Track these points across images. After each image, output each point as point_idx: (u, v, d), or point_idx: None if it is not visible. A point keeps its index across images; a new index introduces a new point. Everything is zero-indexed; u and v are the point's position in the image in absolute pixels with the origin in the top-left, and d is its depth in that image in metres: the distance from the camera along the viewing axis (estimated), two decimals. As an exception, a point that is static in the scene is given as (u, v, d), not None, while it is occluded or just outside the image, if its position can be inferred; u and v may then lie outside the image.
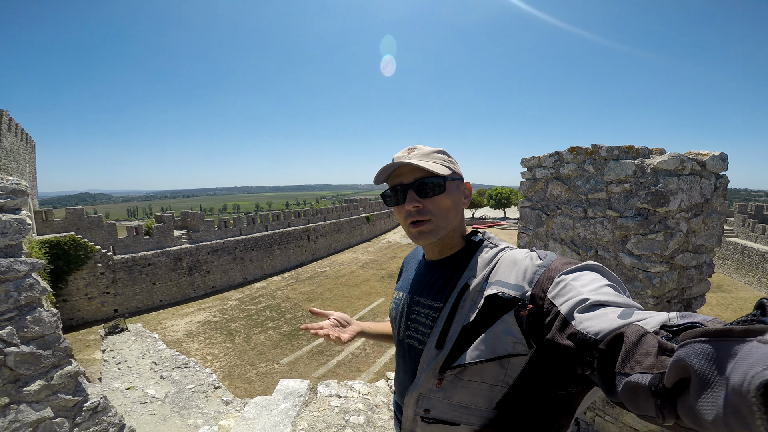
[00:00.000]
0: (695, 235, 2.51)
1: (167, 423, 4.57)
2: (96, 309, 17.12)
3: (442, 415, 0.78)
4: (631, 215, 2.50)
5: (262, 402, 3.19)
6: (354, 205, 37.63)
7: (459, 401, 0.75)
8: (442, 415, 0.78)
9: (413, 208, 0.83)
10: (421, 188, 0.83)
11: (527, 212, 3.35)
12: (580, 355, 0.54)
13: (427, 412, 0.80)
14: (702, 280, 2.66)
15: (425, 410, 0.80)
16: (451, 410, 0.77)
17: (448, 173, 0.83)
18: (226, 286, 22.52)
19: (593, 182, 2.72)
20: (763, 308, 0.37)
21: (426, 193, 0.83)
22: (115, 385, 5.84)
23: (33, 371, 2.00)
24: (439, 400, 0.78)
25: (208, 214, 27.06)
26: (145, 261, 18.97)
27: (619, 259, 2.62)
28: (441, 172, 0.81)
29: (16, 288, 2.02)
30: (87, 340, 14.36)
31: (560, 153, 2.98)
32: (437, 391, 0.78)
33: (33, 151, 19.39)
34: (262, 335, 15.32)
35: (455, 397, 0.76)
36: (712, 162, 2.43)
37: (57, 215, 17.50)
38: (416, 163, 0.82)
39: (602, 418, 3.01)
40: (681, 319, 0.45)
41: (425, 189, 0.83)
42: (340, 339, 1.00)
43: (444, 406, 0.77)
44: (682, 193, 2.35)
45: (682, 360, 0.36)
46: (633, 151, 2.60)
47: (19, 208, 2.17)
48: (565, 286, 0.64)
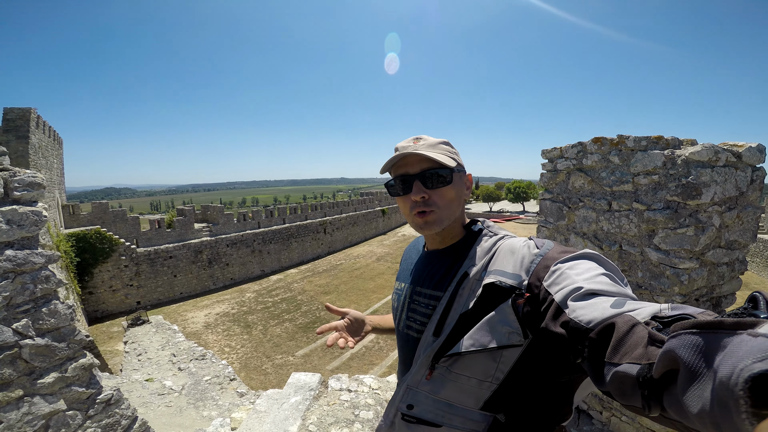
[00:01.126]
0: (728, 230, 2.35)
1: (183, 415, 4.66)
2: (120, 301, 17.72)
3: (424, 414, 0.77)
4: (659, 208, 2.35)
5: (274, 395, 3.20)
6: (370, 198, 37.66)
7: (445, 398, 0.75)
8: (425, 414, 0.77)
9: (419, 199, 0.82)
10: (427, 179, 0.82)
11: (547, 205, 3.22)
12: (572, 343, 0.54)
13: (410, 408, 0.79)
14: (733, 277, 2.50)
15: (408, 406, 0.80)
16: (435, 408, 0.76)
17: (454, 165, 0.83)
18: (244, 278, 22.96)
19: (619, 174, 2.57)
20: (755, 301, 0.37)
21: (432, 183, 0.82)
22: (135, 377, 6.01)
23: (48, 363, 2.02)
24: (425, 395, 0.77)
25: (227, 208, 27.56)
26: (166, 254, 19.49)
27: (645, 255, 2.48)
28: (448, 164, 0.81)
29: (32, 280, 2.04)
30: (111, 332, 14.90)
31: (583, 144, 2.84)
32: (425, 384, 0.77)
33: (60, 147, 20.08)
34: (278, 327, 15.57)
35: (442, 392, 0.75)
36: (749, 153, 2.26)
37: (83, 209, 18.12)
38: (425, 153, 0.81)
39: (618, 419, 2.89)
40: (672, 311, 0.45)
41: (432, 180, 0.82)
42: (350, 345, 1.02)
43: (429, 402, 0.77)
44: (716, 186, 2.19)
45: (671, 351, 0.36)
46: (662, 141, 2.44)
47: (36, 201, 2.19)
48: (561, 274, 0.63)
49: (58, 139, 18.93)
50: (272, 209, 26.31)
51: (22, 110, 13.13)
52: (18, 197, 2.10)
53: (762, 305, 0.36)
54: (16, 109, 13.04)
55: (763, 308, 0.36)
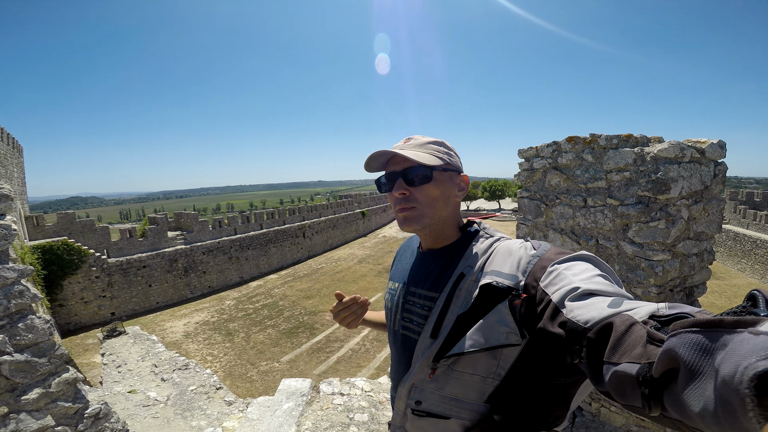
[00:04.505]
0: (696, 222, 2.51)
1: (171, 425, 4.53)
2: (93, 313, 16.99)
3: (433, 408, 0.78)
4: (631, 203, 2.48)
5: (265, 402, 3.16)
6: (349, 200, 37.53)
7: (450, 393, 0.76)
8: (433, 408, 0.78)
9: (400, 195, 0.86)
10: (408, 177, 0.85)
11: (526, 203, 3.33)
12: (569, 343, 0.54)
13: (418, 404, 0.80)
14: (703, 267, 2.66)
15: (416, 402, 0.80)
16: (443, 403, 0.77)
17: (437, 164, 0.84)
18: (222, 285, 22.42)
19: (592, 171, 2.70)
20: (754, 299, 0.37)
21: (413, 181, 0.85)
22: (117, 389, 5.79)
23: (30, 379, 1.95)
24: (431, 392, 0.78)
25: (201, 214, 26.81)
26: (140, 263, 18.82)
27: (621, 248, 2.61)
28: (428, 163, 0.83)
29: (5, 295, 1.97)
30: (86, 344, 14.24)
31: (558, 143, 2.96)
32: (429, 382, 0.78)
33: (20, 155, 19.05)
34: (261, 334, 15.29)
35: (447, 388, 0.76)
36: (711, 149, 2.42)
37: (48, 220, 17.26)
38: (403, 154, 0.84)
39: (608, 409, 3.02)
40: (670, 310, 0.45)
41: (412, 178, 0.85)
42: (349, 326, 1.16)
43: (435, 398, 0.77)
44: (683, 181, 2.34)
45: (671, 350, 0.36)
46: (632, 139, 2.58)
47: (4, 214, 2.10)
48: (558, 275, 0.64)
49: (17, 147, 17.97)
50: (248, 215, 25.85)
51: (-22, 117, 12.42)
52: (-14, 210, 2.03)
53: (761, 303, 0.36)
54: (-30, 115, 12.33)
55: (762, 306, 0.36)
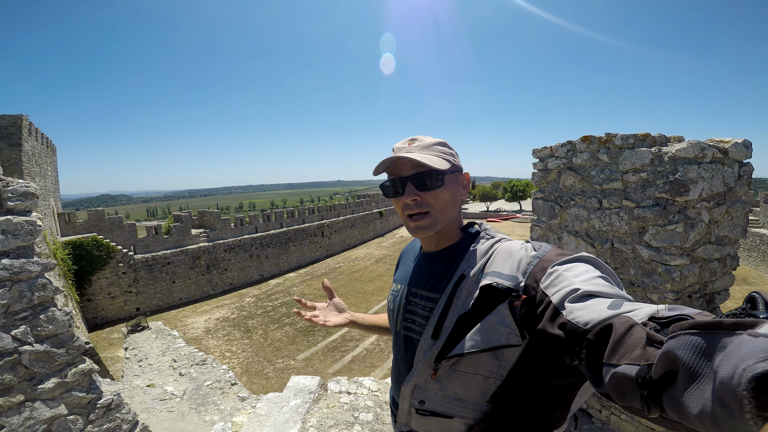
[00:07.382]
0: (718, 225, 2.39)
1: (185, 419, 4.67)
2: (119, 308, 17.66)
3: (436, 408, 0.78)
4: (648, 205, 2.39)
5: (274, 398, 3.21)
6: (367, 200, 37.68)
7: (453, 393, 0.76)
8: (437, 408, 0.78)
9: (411, 201, 0.83)
10: (419, 181, 0.82)
11: (540, 204, 3.26)
12: (569, 344, 0.54)
13: (422, 404, 0.80)
14: (726, 273, 2.53)
15: (420, 402, 0.81)
16: (446, 402, 0.77)
17: (447, 167, 0.82)
18: (243, 283, 22.91)
19: (608, 172, 2.61)
20: (753, 302, 0.37)
21: (425, 186, 0.82)
22: (136, 383, 6.00)
23: (47, 369, 2.04)
24: (434, 392, 0.78)
25: (224, 213, 27.46)
26: (164, 260, 19.43)
27: (637, 252, 2.51)
28: (440, 167, 0.81)
29: (29, 288, 2.07)
30: (111, 339, 14.83)
31: (572, 143, 2.87)
32: (432, 382, 0.78)
33: (54, 154, 20.01)
34: (279, 332, 15.54)
35: (450, 388, 0.76)
36: (735, 149, 2.30)
37: (79, 217, 18.06)
38: (415, 158, 0.81)
39: (618, 417, 2.92)
40: (669, 311, 0.44)
41: (424, 182, 0.82)
42: (326, 323, 1.09)
43: (439, 397, 0.78)
44: (703, 182, 2.23)
45: (670, 352, 0.36)
46: (649, 139, 2.48)
47: (30, 210, 2.21)
48: (558, 276, 0.64)
49: (51, 146, 18.87)
50: (269, 213, 26.28)
51: (14, 117, 13.01)
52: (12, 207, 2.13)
53: (760, 305, 0.36)
54: (7, 116, 12.91)
55: (761, 308, 0.35)
